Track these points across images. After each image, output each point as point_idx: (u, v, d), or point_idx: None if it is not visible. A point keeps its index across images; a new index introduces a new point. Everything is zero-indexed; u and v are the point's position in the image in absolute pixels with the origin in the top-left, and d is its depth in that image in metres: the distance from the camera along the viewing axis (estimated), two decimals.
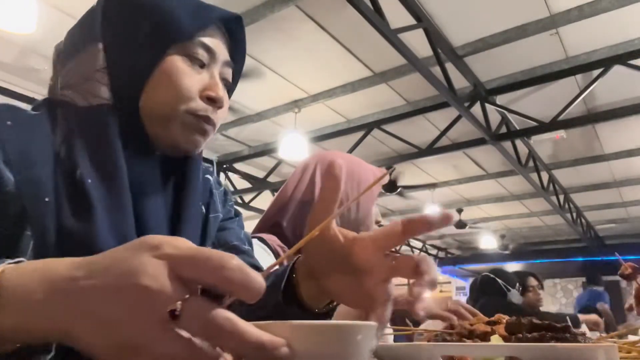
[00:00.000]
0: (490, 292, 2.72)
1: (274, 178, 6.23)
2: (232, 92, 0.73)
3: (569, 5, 3.33)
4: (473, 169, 6.45)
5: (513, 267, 9.48)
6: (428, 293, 0.44)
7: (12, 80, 4.02)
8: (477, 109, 4.40)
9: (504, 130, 4.79)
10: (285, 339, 0.33)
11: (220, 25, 0.67)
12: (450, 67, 3.87)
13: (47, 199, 0.53)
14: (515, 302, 2.69)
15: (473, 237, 10.03)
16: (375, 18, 3.01)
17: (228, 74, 0.68)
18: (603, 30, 3.59)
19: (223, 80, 0.67)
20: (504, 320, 0.63)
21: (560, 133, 4.84)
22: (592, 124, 4.85)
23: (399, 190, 6.42)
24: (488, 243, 9.81)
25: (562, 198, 6.85)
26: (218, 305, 0.31)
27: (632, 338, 0.83)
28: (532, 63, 4.06)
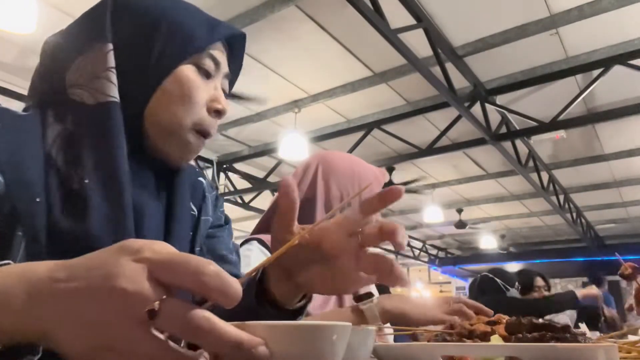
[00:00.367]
0: (490, 291, 2.72)
1: (274, 178, 6.23)
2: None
3: (569, 5, 3.33)
4: (473, 169, 6.45)
5: (513, 267, 9.48)
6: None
7: (12, 80, 4.01)
8: (477, 109, 4.40)
9: (504, 130, 4.79)
10: (263, 339, 0.33)
11: (224, 39, 0.70)
12: (450, 67, 3.88)
13: (38, 200, 0.54)
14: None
15: (473, 237, 10.03)
16: (375, 18, 3.01)
17: (226, 86, 0.71)
18: (603, 30, 3.59)
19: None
20: (504, 320, 0.63)
21: (560, 133, 4.84)
22: (592, 124, 4.86)
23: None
24: (488, 243, 9.82)
25: (562, 198, 6.86)
26: (196, 306, 0.32)
27: (632, 338, 0.83)
28: (532, 63, 4.06)
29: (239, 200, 6.84)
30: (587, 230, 8.61)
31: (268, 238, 1.07)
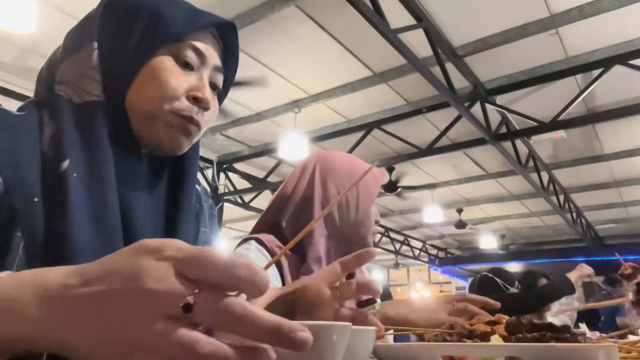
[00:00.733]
0: (490, 291, 2.71)
1: (274, 178, 6.22)
2: (222, 98, 0.73)
3: (569, 5, 3.33)
4: (473, 169, 6.45)
5: (513, 267, 9.48)
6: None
7: (12, 80, 4.01)
8: (477, 109, 4.40)
9: (504, 130, 4.79)
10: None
11: (214, 32, 0.68)
12: (450, 67, 3.87)
13: (36, 199, 0.54)
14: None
15: (473, 237, 10.03)
16: (375, 18, 3.01)
17: (218, 80, 0.69)
18: (603, 30, 3.59)
19: (212, 84, 0.67)
20: (504, 320, 0.63)
21: (560, 133, 4.84)
22: (592, 124, 4.85)
23: (398, 191, 6.43)
24: (488, 243, 9.81)
25: (562, 198, 6.85)
26: (229, 295, 0.31)
27: (632, 338, 0.83)
28: (532, 63, 4.06)
29: (239, 200, 6.84)
30: (587, 230, 8.61)
31: (266, 238, 1.07)
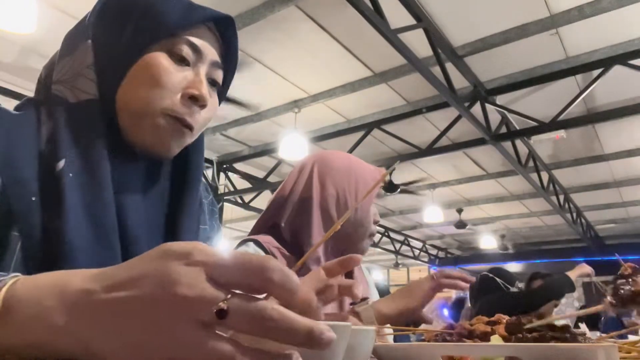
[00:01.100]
0: (490, 291, 2.71)
1: (274, 178, 6.23)
2: (223, 95, 0.71)
3: (569, 5, 3.33)
4: (473, 169, 6.45)
5: (513, 267, 9.48)
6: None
7: (12, 80, 4.02)
8: (477, 109, 4.40)
9: (504, 130, 4.79)
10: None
11: (212, 27, 0.66)
12: (450, 67, 3.87)
13: (33, 199, 0.53)
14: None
15: (473, 237, 10.03)
16: (375, 18, 3.01)
17: (217, 75, 0.67)
18: (603, 30, 3.59)
19: (210, 81, 0.66)
20: (504, 320, 0.63)
21: (560, 133, 4.83)
22: (592, 124, 4.85)
23: (399, 190, 6.42)
24: (488, 243, 9.82)
25: (562, 198, 6.85)
26: (263, 299, 0.31)
27: (632, 338, 0.83)
28: (532, 63, 4.06)
29: (239, 200, 6.84)
30: (587, 230, 8.61)
31: (264, 239, 1.07)
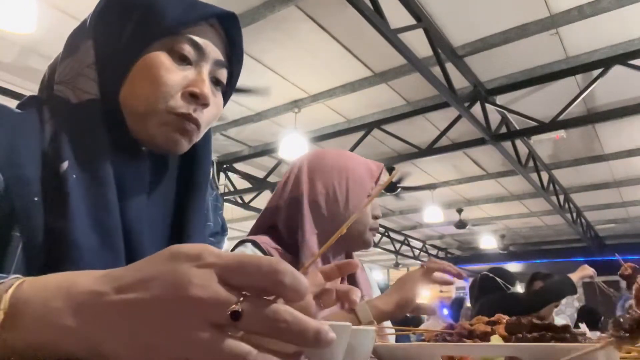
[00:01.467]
0: (490, 291, 2.71)
1: (274, 178, 6.22)
2: (229, 94, 0.70)
3: (569, 5, 3.33)
4: (473, 169, 6.45)
5: (513, 267, 9.48)
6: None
7: (12, 80, 4.01)
8: (477, 109, 4.39)
9: (504, 130, 4.79)
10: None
11: (215, 24, 0.64)
12: (450, 67, 3.87)
13: (35, 199, 0.53)
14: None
15: (473, 237, 10.03)
16: (375, 18, 3.01)
17: (220, 74, 0.65)
18: (603, 30, 3.59)
19: (214, 80, 0.65)
20: (504, 320, 0.63)
21: (560, 133, 4.83)
22: (592, 124, 4.85)
23: (398, 191, 6.43)
24: (488, 243, 9.81)
25: (562, 198, 6.85)
26: (275, 301, 0.31)
27: None
28: (532, 63, 4.05)
29: (239, 200, 6.84)
30: (587, 230, 8.60)
31: (262, 240, 1.07)
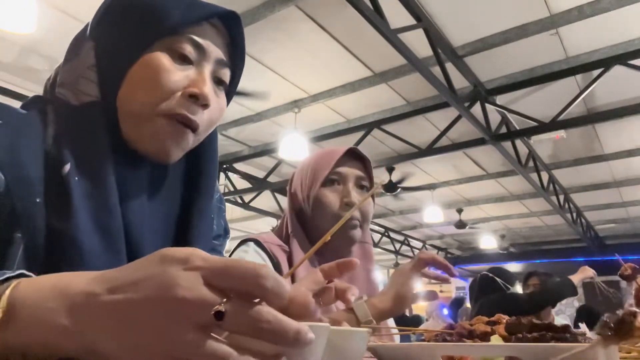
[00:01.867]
0: (490, 291, 2.71)
1: (274, 178, 6.23)
2: (232, 94, 0.69)
3: (569, 5, 3.33)
4: (473, 169, 6.45)
5: (513, 267, 9.48)
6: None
7: (12, 80, 4.01)
8: (477, 109, 4.39)
9: (504, 130, 4.78)
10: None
11: (217, 24, 0.63)
12: (450, 67, 3.87)
13: (37, 200, 0.53)
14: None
15: (473, 237, 10.03)
16: (375, 18, 3.01)
17: (223, 74, 0.64)
18: (603, 30, 3.59)
19: (216, 79, 0.63)
20: (504, 320, 0.63)
21: (560, 133, 4.83)
22: (592, 124, 4.85)
23: (398, 191, 6.42)
24: (488, 243, 9.81)
25: (562, 198, 6.85)
26: (258, 303, 0.32)
27: None
28: (532, 63, 4.05)
29: (239, 200, 6.84)
30: (587, 230, 8.60)
31: (264, 238, 1.08)
